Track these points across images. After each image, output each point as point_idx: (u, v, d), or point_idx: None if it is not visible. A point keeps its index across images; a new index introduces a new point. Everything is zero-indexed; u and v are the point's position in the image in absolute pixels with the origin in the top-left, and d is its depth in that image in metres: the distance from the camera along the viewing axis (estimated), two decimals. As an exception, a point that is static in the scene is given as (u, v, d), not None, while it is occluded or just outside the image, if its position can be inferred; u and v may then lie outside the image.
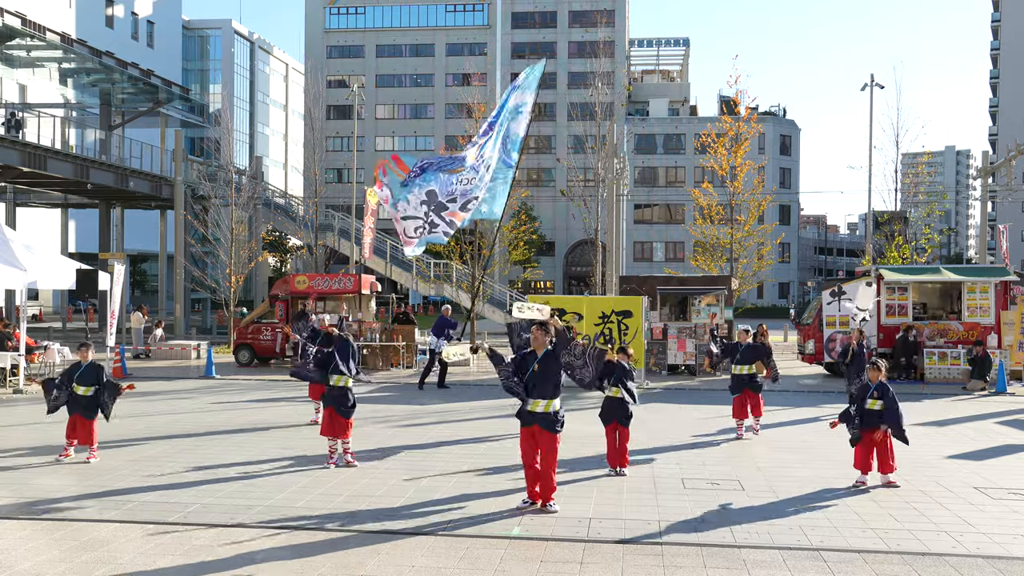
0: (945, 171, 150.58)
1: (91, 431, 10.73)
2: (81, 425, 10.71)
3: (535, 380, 8.35)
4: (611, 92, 47.48)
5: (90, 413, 10.72)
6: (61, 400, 10.87)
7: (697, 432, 13.33)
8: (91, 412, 10.73)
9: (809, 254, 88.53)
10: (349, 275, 26.02)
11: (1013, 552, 7.29)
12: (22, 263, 17.70)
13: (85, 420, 10.69)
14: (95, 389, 10.78)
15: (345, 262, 39.90)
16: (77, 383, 10.77)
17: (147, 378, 20.83)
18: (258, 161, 44.48)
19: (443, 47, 73.72)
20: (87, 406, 10.72)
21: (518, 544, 7.38)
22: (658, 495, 9.14)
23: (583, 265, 63.59)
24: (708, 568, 6.80)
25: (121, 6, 63.15)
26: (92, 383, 10.78)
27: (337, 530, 7.76)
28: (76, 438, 10.71)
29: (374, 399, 17.06)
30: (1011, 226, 35.85)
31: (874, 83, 35.33)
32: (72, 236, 49.54)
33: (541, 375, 8.34)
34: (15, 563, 6.77)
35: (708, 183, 36.10)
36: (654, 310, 22.33)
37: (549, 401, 8.36)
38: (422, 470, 10.29)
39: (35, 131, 33.43)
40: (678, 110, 76.78)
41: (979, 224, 69.68)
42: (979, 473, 10.44)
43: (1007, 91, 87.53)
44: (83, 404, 10.74)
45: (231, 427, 13.51)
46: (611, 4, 71.72)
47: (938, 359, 20.94)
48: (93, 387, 10.78)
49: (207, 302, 46.54)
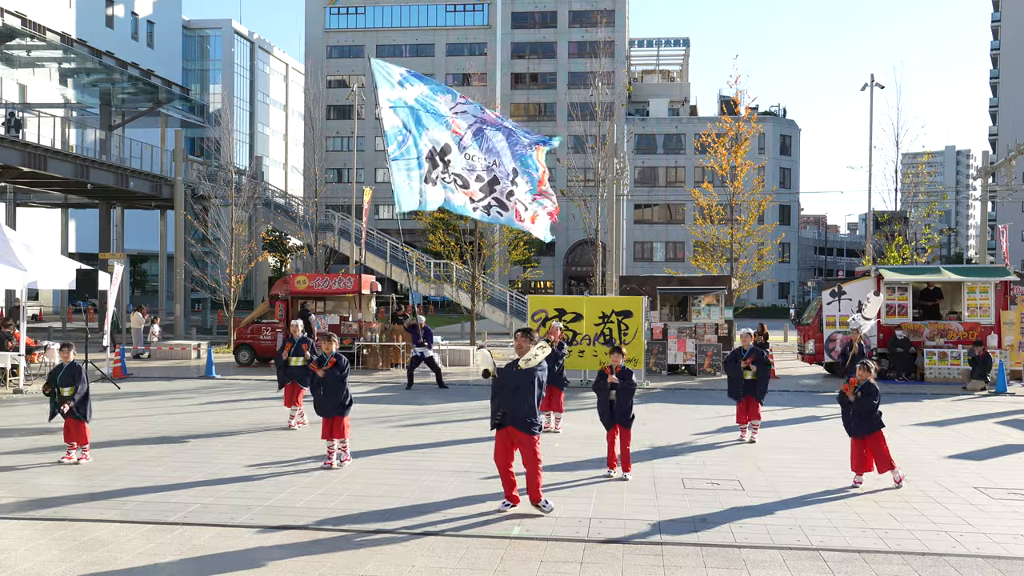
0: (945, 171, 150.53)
1: (83, 431, 10.66)
2: (72, 426, 10.64)
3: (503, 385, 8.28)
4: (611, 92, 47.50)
5: (78, 414, 10.64)
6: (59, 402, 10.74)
7: (697, 432, 13.33)
8: (78, 413, 10.64)
9: (809, 254, 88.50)
10: (349, 275, 26.01)
11: (1013, 552, 7.29)
12: (22, 263, 17.70)
13: (74, 420, 10.62)
14: (76, 389, 10.68)
15: (345, 262, 39.91)
16: (60, 384, 10.68)
17: (147, 378, 20.85)
18: (258, 161, 44.49)
19: (443, 47, 73.69)
20: (74, 407, 10.63)
21: (518, 544, 7.38)
22: (658, 495, 9.13)
23: (583, 265, 63.60)
24: (708, 568, 6.80)
25: (121, 6, 63.14)
26: (71, 383, 10.67)
27: (337, 530, 7.76)
28: (74, 439, 10.66)
29: (374, 399, 17.06)
30: (1011, 226, 35.85)
31: (874, 83, 35.32)
32: (72, 236, 49.55)
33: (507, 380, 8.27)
34: (15, 563, 6.77)
35: (708, 183, 36.09)
36: (654, 310, 22.33)
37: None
38: (422, 470, 10.28)
39: (35, 131, 33.41)
40: (678, 110, 76.77)
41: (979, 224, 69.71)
42: (979, 473, 10.44)
43: (1007, 91, 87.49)
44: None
45: (231, 427, 13.50)
46: (611, 4, 71.69)
47: (938, 359, 20.94)
48: (75, 387, 10.66)
49: (207, 302, 46.54)
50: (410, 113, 11.04)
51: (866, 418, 9.61)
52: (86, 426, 10.75)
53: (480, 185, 11.46)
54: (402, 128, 10.97)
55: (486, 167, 11.51)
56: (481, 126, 11.56)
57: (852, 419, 9.74)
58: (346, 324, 23.90)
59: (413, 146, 10.95)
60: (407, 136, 10.96)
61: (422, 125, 11.16)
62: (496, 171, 11.47)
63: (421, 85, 11.37)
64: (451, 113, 11.37)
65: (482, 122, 11.57)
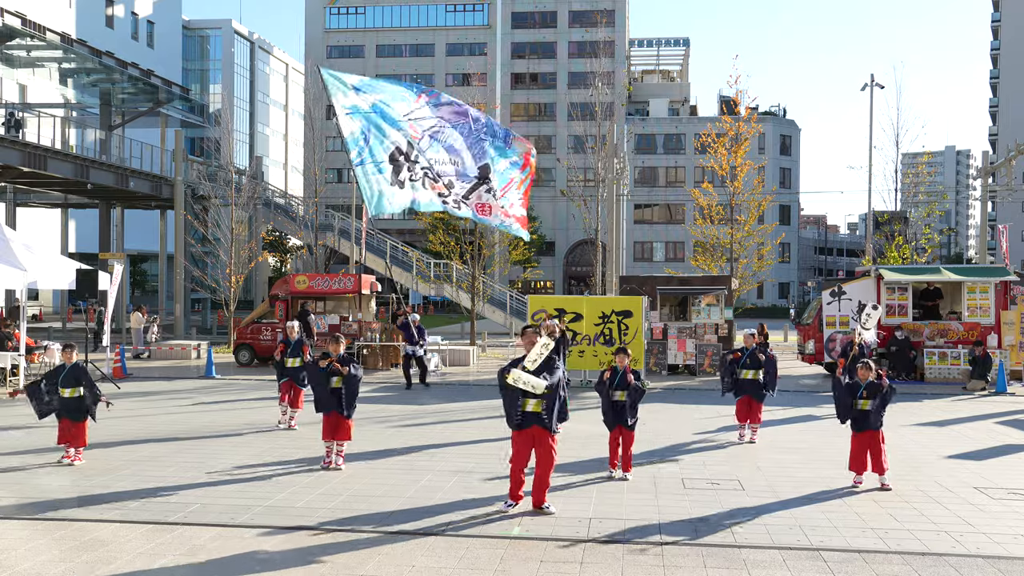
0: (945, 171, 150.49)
1: (82, 432, 10.59)
2: (72, 427, 10.56)
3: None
4: (611, 92, 47.48)
5: (78, 415, 10.58)
6: (55, 404, 10.70)
7: (697, 432, 13.33)
8: (78, 414, 10.59)
9: (809, 254, 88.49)
10: (349, 275, 26.01)
11: (1013, 552, 7.29)
12: (22, 263, 17.70)
13: (73, 422, 10.55)
14: (79, 391, 10.63)
15: (345, 262, 39.90)
16: (61, 386, 10.61)
17: (147, 378, 20.85)
18: (258, 161, 44.48)
19: (443, 47, 73.68)
20: (73, 408, 10.57)
21: (518, 544, 7.38)
22: (658, 495, 9.13)
23: (583, 265, 63.57)
24: (708, 568, 6.80)
25: (121, 6, 63.12)
26: (75, 384, 10.62)
27: (337, 530, 7.76)
28: (69, 441, 10.56)
29: (374, 399, 17.05)
30: (1011, 226, 35.82)
31: (874, 83, 35.33)
32: (72, 236, 49.52)
33: (536, 374, 8.26)
34: (15, 563, 6.77)
35: (708, 183, 36.09)
36: (654, 310, 22.33)
37: (538, 400, 8.27)
38: (422, 470, 10.28)
39: (35, 131, 33.40)
40: (678, 110, 76.77)
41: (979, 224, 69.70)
42: (979, 473, 10.44)
43: (1007, 91, 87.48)
44: (69, 407, 10.58)
45: (231, 427, 13.51)
46: (611, 4, 71.68)
47: (938, 359, 20.94)
48: (77, 389, 10.62)
49: (207, 302, 46.53)
50: (366, 118, 11.04)
51: (882, 410, 9.53)
52: (86, 427, 10.70)
53: (444, 181, 11.47)
54: (361, 134, 10.98)
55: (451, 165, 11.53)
56: (440, 127, 11.56)
57: (871, 412, 9.57)
58: (346, 324, 23.91)
59: (373, 150, 10.96)
60: (367, 142, 10.97)
61: (381, 130, 11.16)
62: (456, 169, 11.51)
63: (376, 94, 11.36)
64: (406, 119, 11.37)
65: (443, 121, 11.57)
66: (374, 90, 11.41)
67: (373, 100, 11.26)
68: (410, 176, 11.17)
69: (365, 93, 11.27)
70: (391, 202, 11.09)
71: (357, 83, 11.31)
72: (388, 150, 11.11)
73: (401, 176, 11.12)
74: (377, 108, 11.22)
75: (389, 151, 11.10)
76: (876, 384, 9.63)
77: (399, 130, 11.27)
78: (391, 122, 11.25)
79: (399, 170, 11.09)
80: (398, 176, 11.09)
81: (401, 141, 11.21)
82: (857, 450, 9.64)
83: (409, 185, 11.23)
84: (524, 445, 8.36)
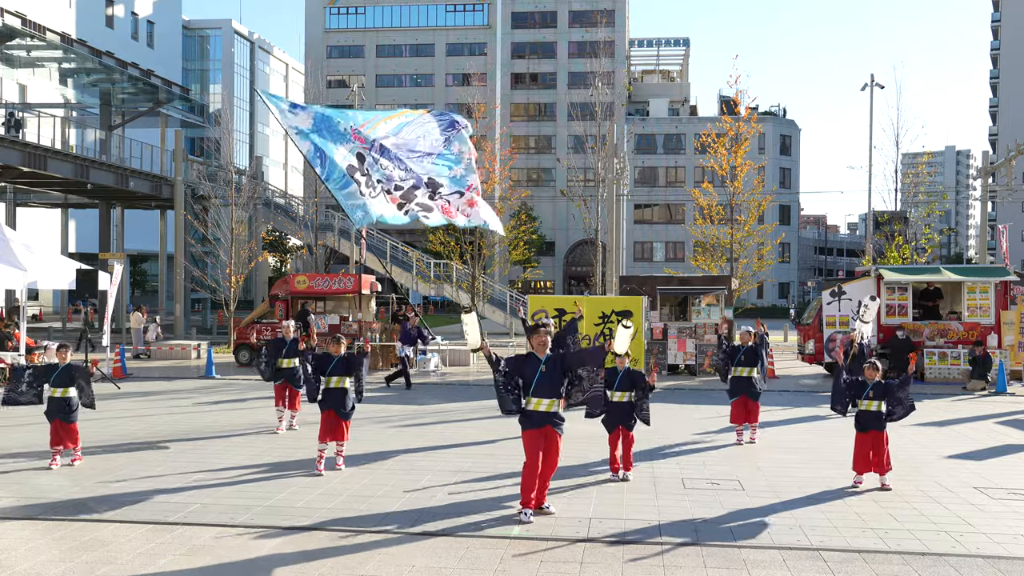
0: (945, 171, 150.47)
1: (74, 433, 10.48)
2: (63, 429, 10.43)
3: (544, 380, 8.22)
4: (611, 92, 47.52)
5: (69, 416, 10.46)
6: (25, 398, 10.54)
7: (697, 432, 13.33)
8: (69, 415, 10.46)
9: (809, 254, 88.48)
10: (349, 275, 26.00)
11: (1013, 552, 7.29)
12: (22, 263, 17.69)
13: (65, 424, 10.44)
14: (70, 391, 10.52)
15: (345, 262, 39.89)
16: (52, 385, 10.50)
17: (147, 378, 20.85)
18: (258, 161, 44.46)
19: (443, 47, 73.65)
20: (64, 409, 10.45)
21: (518, 544, 7.38)
22: (658, 495, 9.13)
23: (583, 265, 63.59)
24: (708, 568, 6.80)
25: (121, 6, 63.13)
26: (66, 384, 10.52)
27: (337, 530, 7.76)
28: (60, 444, 10.43)
29: (373, 399, 17.05)
30: (1011, 226, 35.83)
31: (874, 83, 35.33)
32: (72, 236, 49.54)
33: (549, 376, 8.26)
34: (15, 563, 6.77)
35: (708, 183, 36.10)
36: (654, 310, 22.33)
37: (552, 400, 8.24)
38: (422, 470, 10.28)
39: (35, 131, 33.42)
40: (678, 110, 76.75)
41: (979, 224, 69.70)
42: (979, 473, 10.43)
43: (1007, 91, 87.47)
44: (59, 408, 10.46)
45: (231, 427, 13.51)
46: (611, 4, 71.67)
47: (938, 359, 20.94)
48: (68, 389, 10.51)
49: (207, 302, 46.52)
50: (309, 137, 10.92)
51: (898, 406, 9.52)
52: (76, 427, 10.57)
53: (401, 192, 11.31)
54: (315, 151, 10.84)
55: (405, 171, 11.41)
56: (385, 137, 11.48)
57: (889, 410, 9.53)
58: (346, 324, 23.91)
59: (332, 168, 10.84)
60: (324, 157, 10.83)
61: (329, 144, 11.01)
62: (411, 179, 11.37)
63: (310, 112, 11.23)
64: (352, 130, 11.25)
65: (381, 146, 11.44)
66: (304, 111, 11.22)
67: (312, 115, 11.08)
68: (370, 193, 10.97)
69: (301, 111, 11.14)
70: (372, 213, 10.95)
71: (290, 104, 11.18)
72: (344, 163, 10.89)
73: (364, 189, 10.95)
74: (318, 123, 11.02)
75: (346, 164, 10.89)
76: (884, 385, 9.59)
77: (347, 142, 11.07)
78: (336, 137, 11.07)
79: (359, 184, 10.91)
80: (363, 188, 10.93)
81: (351, 158, 11.00)
82: (861, 450, 9.63)
83: (369, 195, 11.05)
84: (537, 446, 8.18)
